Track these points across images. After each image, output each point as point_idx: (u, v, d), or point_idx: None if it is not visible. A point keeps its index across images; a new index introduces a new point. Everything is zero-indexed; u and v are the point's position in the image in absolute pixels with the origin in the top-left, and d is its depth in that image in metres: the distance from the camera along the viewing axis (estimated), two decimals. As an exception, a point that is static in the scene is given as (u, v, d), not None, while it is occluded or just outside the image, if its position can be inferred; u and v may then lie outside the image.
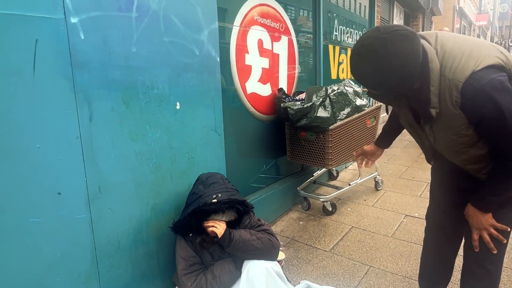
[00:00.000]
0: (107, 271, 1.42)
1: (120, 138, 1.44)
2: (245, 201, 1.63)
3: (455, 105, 1.10)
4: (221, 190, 1.58)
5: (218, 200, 1.52)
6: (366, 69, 1.06)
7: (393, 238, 2.57)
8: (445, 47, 1.13)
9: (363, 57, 1.06)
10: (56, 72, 1.21)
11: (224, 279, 1.51)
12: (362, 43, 1.06)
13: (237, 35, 2.46)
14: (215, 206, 1.50)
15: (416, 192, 3.45)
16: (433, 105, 1.13)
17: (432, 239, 1.63)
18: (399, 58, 1.01)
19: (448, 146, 1.25)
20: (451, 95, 1.09)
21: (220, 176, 1.69)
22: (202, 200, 1.51)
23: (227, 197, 1.55)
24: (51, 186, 1.22)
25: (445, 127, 1.18)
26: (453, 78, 1.09)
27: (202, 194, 1.55)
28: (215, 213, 1.54)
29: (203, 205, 1.49)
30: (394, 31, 1.02)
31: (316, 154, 2.81)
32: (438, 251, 1.62)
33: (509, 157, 1.13)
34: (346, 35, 4.24)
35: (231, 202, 1.55)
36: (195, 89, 1.78)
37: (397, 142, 5.65)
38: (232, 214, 1.61)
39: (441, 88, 1.11)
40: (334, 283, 2.05)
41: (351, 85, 2.91)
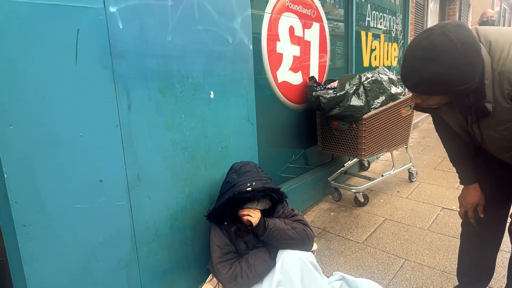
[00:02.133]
0: (146, 257, 1.46)
1: (157, 127, 1.45)
2: (279, 189, 1.61)
3: (506, 98, 1.04)
4: (255, 178, 1.57)
5: (253, 189, 1.51)
6: (433, 70, 0.98)
7: (430, 231, 2.48)
8: (488, 38, 1.07)
9: (427, 59, 0.98)
10: (97, 62, 1.23)
11: (259, 268, 1.51)
12: (420, 46, 1.00)
13: (269, 23, 2.41)
14: (249, 194, 1.50)
15: (453, 184, 3.30)
16: (488, 99, 1.06)
17: (471, 232, 1.55)
18: (466, 45, 0.96)
19: (497, 143, 1.18)
20: (502, 88, 1.03)
21: (254, 164, 1.68)
22: (236, 189, 1.51)
23: (261, 186, 1.54)
24: (93, 173, 1.25)
25: (494, 123, 1.11)
26: (504, 70, 1.02)
27: (236, 183, 1.54)
28: (250, 201, 1.54)
29: (238, 194, 1.49)
30: (447, 24, 0.98)
31: (348, 144, 2.74)
32: (478, 245, 1.54)
33: None
34: (380, 21, 4.07)
35: (265, 190, 1.54)
36: (228, 78, 1.76)
37: (431, 132, 5.43)
38: (266, 202, 1.60)
39: (493, 81, 1.05)
40: (368, 275, 2.01)
41: (385, 73, 2.80)
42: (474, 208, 1.44)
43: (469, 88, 1.02)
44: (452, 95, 1.09)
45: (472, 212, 1.45)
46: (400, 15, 4.66)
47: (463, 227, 1.60)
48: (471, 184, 1.42)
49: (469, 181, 1.43)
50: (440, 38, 0.96)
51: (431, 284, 1.92)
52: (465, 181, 1.44)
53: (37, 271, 1.16)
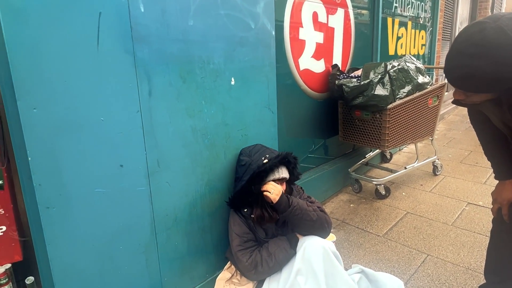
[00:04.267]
0: (165, 243, 1.47)
1: (177, 113, 1.44)
2: (292, 153, 1.64)
3: None
4: (267, 152, 1.60)
5: (269, 159, 1.53)
6: (486, 68, 0.91)
7: (454, 226, 2.39)
8: None
9: (479, 56, 0.91)
10: (118, 46, 1.22)
11: (279, 257, 1.49)
12: (471, 42, 0.93)
13: (292, 8, 2.34)
14: (269, 164, 1.51)
15: (481, 179, 3.17)
16: None
17: (503, 230, 1.47)
18: None
19: None
20: None
21: (261, 145, 1.70)
22: (254, 166, 1.53)
23: (275, 154, 1.57)
24: (114, 158, 1.26)
25: None
26: None
27: (250, 162, 1.56)
28: (272, 171, 1.54)
29: (257, 168, 1.50)
30: (502, 17, 0.90)
31: (371, 135, 2.66)
32: (509, 243, 1.47)
33: None
34: (407, 7, 3.89)
35: (280, 155, 1.57)
36: (249, 64, 1.72)
37: (457, 124, 5.24)
38: (285, 171, 1.60)
39: None
40: (388, 269, 1.96)
41: (412, 61, 2.69)
42: (509, 204, 1.36)
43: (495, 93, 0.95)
44: (504, 92, 1.01)
45: (507, 208, 1.37)
46: (429, 1, 4.44)
47: (494, 224, 1.53)
48: (508, 179, 1.34)
49: (505, 176, 1.35)
50: (494, 32, 0.88)
51: (454, 281, 1.86)
52: (502, 176, 1.37)
53: (60, 253, 1.18)
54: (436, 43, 4.84)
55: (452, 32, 6.57)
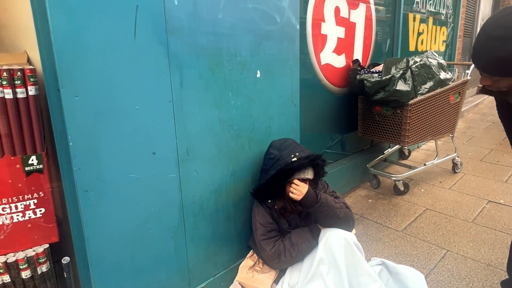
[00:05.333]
0: (192, 229, 1.52)
1: (206, 104, 1.48)
2: (321, 155, 1.64)
3: None
4: (297, 150, 1.59)
5: (298, 158, 1.53)
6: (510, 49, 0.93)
7: (474, 223, 2.38)
8: None
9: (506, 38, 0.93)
10: (153, 38, 1.26)
11: (302, 247, 1.53)
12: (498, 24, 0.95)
13: (314, 2, 2.36)
14: (297, 163, 1.51)
15: (502, 177, 3.13)
16: None
17: None
18: None
19: None
20: None
21: (292, 140, 1.70)
22: (282, 162, 1.54)
23: (305, 154, 1.56)
24: (147, 145, 1.31)
25: None
26: None
27: (279, 157, 1.57)
28: (298, 170, 1.55)
29: (285, 165, 1.51)
30: None
31: (391, 131, 2.66)
32: None
33: None
34: (429, 3, 3.84)
35: (309, 157, 1.56)
36: (274, 58, 1.76)
37: (477, 122, 5.15)
38: (311, 172, 1.61)
39: None
40: (407, 263, 1.97)
41: (434, 57, 2.66)
42: None
43: None
44: None
45: None
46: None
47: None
48: None
49: None
50: None
51: (475, 277, 1.86)
52: None
53: (95, 234, 1.24)
54: (457, 39, 4.76)
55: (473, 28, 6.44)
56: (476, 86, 7.44)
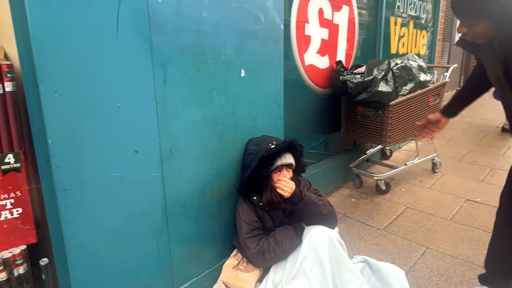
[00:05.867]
0: (175, 228, 1.50)
1: (190, 102, 1.47)
2: (297, 140, 1.70)
3: None
4: (274, 140, 1.66)
5: (276, 144, 1.59)
6: None
7: (453, 221, 2.45)
8: None
9: None
10: (136, 34, 1.25)
11: (286, 245, 1.54)
12: None
13: (299, 3, 2.38)
14: (276, 148, 1.57)
15: (478, 177, 3.23)
16: None
17: (505, 221, 1.52)
18: None
19: None
20: None
21: (267, 136, 1.76)
22: (261, 152, 1.58)
23: (282, 140, 1.63)
24: (129, 144, 1.29)
25: None
26: None
27: (258, 150, 1.61)
28: (279, 156, 1.59)
29: (265, 152, 1.56)
30: None
31: (373, 131, 2.71)
32: (510, 235, 1.51)
33: None
34: (410, 7, 3.94)
35: (286, 141, 1.63)
36: (259, 57, 1.76)
37: (456, 124, 5.29)
38: (291, 157, 1.65)
39: None
40: (389, 260, 2.01)
41: (415, 59, 2.73)
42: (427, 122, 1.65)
43: None
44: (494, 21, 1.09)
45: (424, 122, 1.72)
46: (431, 3, 4.49)
47: (497, 215, 1.57)
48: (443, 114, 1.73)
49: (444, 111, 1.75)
50: None
51: (453, 273, 1.91)
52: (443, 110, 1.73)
53: (75, 234, 1.21)
54: (437, 43, 4.89)
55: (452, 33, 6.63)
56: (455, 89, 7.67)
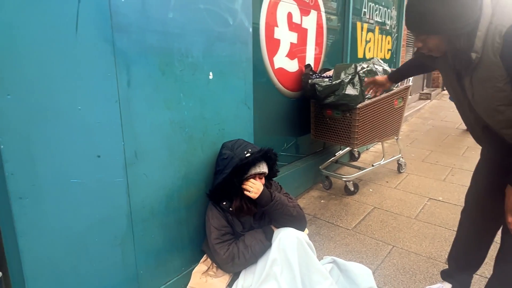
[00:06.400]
0: (141, 235, 1.45)
1: (156, 105, 1.43)
2: (273, 149, 1.69)
3: (495, 52, 1.09)
4: (249, 147, 1.64)
5: (251, 153, 1.57)
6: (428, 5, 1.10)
7: (417, 220, 2.55)
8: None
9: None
10: (97, 34, 1.20)
11: (255, 249, 1.53)
12: None
13: (267, 7, 2.40)
14: (251, 157, 1.55)
15: (440, 176, 3.39)
16: (475, 49, 1.11)
17: (469, 220, 1.59)
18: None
19: (485, 103, 1.21)
20: (493, 41, 1.09)
21: (243, 140, 1.73)
22: (236, 159, 1.56)
23: (257, 149, 1.62)
24: (91, 148, 1.23)
25: (483, 79, 1.16)
26: (499, 24, 1.08)
27: (233, 156, 1.59)
28: (253, 165, 1.58)
29: (240, 161, 1.53)
30: None
31: (342, 133, 2.77)
32: (474, 233, 1.57)
33: None
34: (375, 13, 4.08)
35: (262, 150, 1.62)
36: (227, 60, 1.75)
37: (419, 126, 5.53)
38: (265, 166, 1.65)
39: (487, 35, 1.10)
40: (357, 260, 2.05)
41: (380, 64, 2.83)
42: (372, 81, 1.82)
43: (459, 30, 1.10)
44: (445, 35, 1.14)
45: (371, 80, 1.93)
46: (395, 10, 4.68)
47: (461, 214, 1.63)
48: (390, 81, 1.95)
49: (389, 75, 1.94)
50: None
51: (417, 270, 1.98)
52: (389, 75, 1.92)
53: (32, 245, 1.14)
54: (401, 48, 5.10)
55: (415, 39, 6.92)
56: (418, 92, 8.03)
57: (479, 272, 1.89)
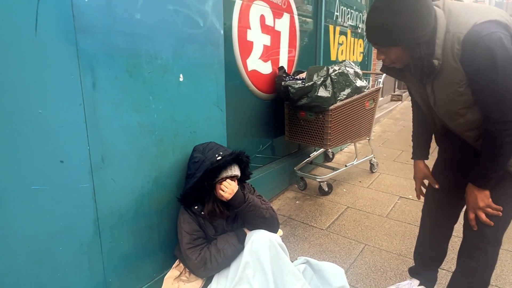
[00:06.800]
0: (109, 242, 1.41)
1: (123, 107, 1.40)
2: (244, 152, 1.68)
3: (455, 58, 1.14)
4: (221, 149, 1.62)
5: (223, 156, 1.55)
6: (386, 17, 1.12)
7: (388, 218, 2.61)
8: (450, 6, 1.19)
9: (382, 8, 1.13)
10: (59, 35, 1.16)
11: (228, 252, 1.52)
12: None
13: (240, 9, 2.40)
14: (222, 161, 1.53)
15: (410, 175, 3.44)
16: (436, 56, 1.17)
17: (429, 217, 1.66)
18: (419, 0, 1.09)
19: (447, 107, 1.27)
20: (453, 48, 1.14)
21: (214, 143, 1.71)
22: (207, 162, 1.54)
23: (229, 152, 1.60)
24: (53, 153, 1.19)
25: (445, 85, 1.21)
26: (456, 31, 1.14)
27: (204, 159, 1.57)
28: (224, 168, 1.56)
29: (210, 165, 1.51)
30: None
31: (315, 135, 2.80)
32: (434, 229, 1.65)
33: (492, 120, 1.14)
34: (347, 17, 4.17)
35: (233, 153, 1.60)
36: (198, 62, 1.73)
37: (391, 126, 5.69)
38: (237, 169, 1.63)
39: (445, 43, 1.15)
40: (330, 259, 2.08)
41: (351, 66, 2.89)
42: (421, 182, 1.63)
43: (418, 39, 1.14)
44: (405, 46, 1.18)
45: (419, 185, 1.64)
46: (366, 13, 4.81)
47: (422, 211, 1.71)
48: (418, 160, 1.61)
49: (416, 156, 1.62)
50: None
51: (388, 267, 2.03)
52: (414, 156, 1.63)
53: (-10, 256, 1.08)
54: (372, 51, 5.24)
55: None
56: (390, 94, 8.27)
57: (445, 267, 1.97)
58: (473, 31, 1.10)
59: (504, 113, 1.12)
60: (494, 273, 1.89)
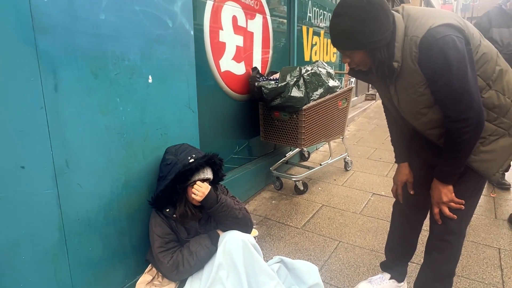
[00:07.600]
0: (77, 249, 1.37)
1: (89, 110, 1.36)
2: (218, 154, 1.67)
3: (414, 60, 1.19)
4: (193, 152, 1.61)
5: (195, 158, 1.54)
6: (346, 23, 1.16)
7: (361, 215, 2.67)
8: (409, 11, 1.25)
9: (342, 15, 1.17)
10: (16, 36, 1.11)
11: (201, 254, 1.50)
12: (338, 5, 1.21)
13: (211, 10, 2.39)
14: (195, 163, 1.52)
15: (383, 172, 3.59)
16: (396, 59, 1.21)
17: (400, 213, 1.71)
18: (373, 5, 1.13)
19: (410, 107, 1.32)
20: (411, 51, 1.19)
21: (187, 144, 1.70)
22: (179, 165, 1.52)
23: (202, 155, 1.59)
24: (13, 159, 1.14)
25: (406, 86, 1.26)
26: (413, 35, 1.18)
27: (176, 161, 1.55)
28: (197, 171, 1.55)
29: (182, 167, 1.50)
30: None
31: (289, 134, 2.83)
32: (404, 225, 1.70)
33: (451, 118, 1.20)
34: (320, 18, 4.24)
35: (206, 156, 1.59)
36: (168, 63, 1.71)
37: (365, 125, 5.83)
38: (210, 171, 1.62)
39: (404, 46, 1.20)
40: (305, 257, 2.11)
41: (324, 67, 2.94)
42: (402, 185, 1.62)
43: (377, 42, 1.18)
44: (366, 49, 1.22)
45: (400, 189, 1.63)
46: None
47: (393, 207, 1.75)
48: (402, 163, 1.60)
49: (399, 160, 1.61)
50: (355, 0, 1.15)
51: (361, 262, 2.08)
52: (397, 160, 1.63)
53: None
54: (345, 52, 5.33)
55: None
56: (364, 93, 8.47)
57: (415, 261, 2.03)
58: (428, 35, 1.15)
59: (461, 112, 1.17)
60: (460, 264, 1.98)
